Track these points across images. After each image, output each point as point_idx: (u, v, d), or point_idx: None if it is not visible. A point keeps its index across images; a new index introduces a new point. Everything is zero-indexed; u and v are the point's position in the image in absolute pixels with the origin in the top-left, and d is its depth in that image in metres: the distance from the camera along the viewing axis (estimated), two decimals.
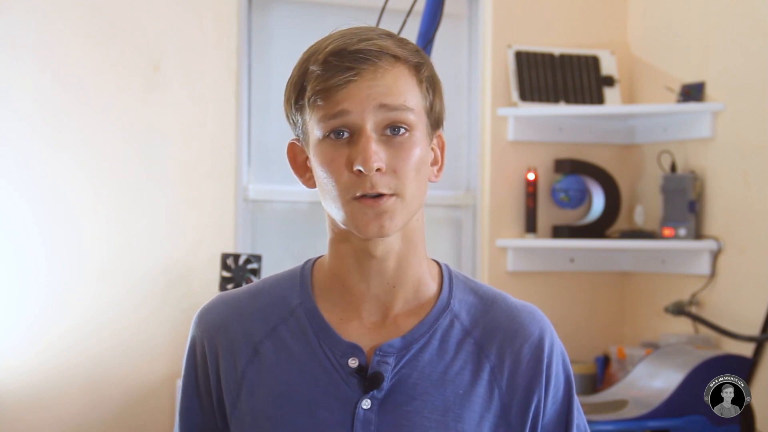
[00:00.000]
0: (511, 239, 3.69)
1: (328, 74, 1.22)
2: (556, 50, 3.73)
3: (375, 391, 1.25)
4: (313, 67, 1.23)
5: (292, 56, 1.33)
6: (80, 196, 3.26)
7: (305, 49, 1.28)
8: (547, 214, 3.74)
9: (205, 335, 1.32)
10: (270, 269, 2.94)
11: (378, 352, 1.26)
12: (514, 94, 3.67)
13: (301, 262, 1.37)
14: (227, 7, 3.40)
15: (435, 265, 1.35)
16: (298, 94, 1.26)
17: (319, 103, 1.23)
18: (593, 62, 3.75)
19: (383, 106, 1.23)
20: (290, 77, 1.28)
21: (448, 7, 2.53)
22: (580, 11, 3.84)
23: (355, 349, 1.27)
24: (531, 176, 3.69)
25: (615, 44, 3.83)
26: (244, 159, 3.48)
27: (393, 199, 1.23)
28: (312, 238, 3.59)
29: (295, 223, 3.61)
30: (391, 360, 1.26)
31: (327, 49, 1.23)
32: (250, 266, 3.09)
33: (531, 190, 3.68)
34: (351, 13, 3.58)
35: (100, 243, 3.27)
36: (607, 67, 3.77)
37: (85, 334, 3.24)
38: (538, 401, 1.30)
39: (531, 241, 3.67)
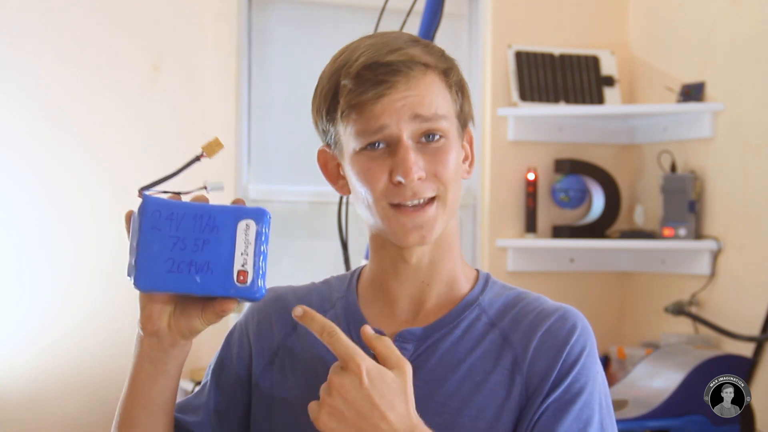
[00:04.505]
0: (511, 239, 3.69)
1: (361, 89, 1.23)
2: (556, 50, 3.73)
3: None
4: (345, 81, 1.24)
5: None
6: (80, 196, 3.26)
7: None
8: (547, 214, 3.74)
9: (254, 313, 1.39)
10: (270, 269, 2.93)
11: (398, 338, 1.29)
12: (514, 94, 3.67)
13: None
14: (227, 7, 3.40)
15: (473, 270, 1.37)
16: (329, 105, 1.27)
17: (354, 117, 1.24)
18: (593, 62, 3.75)
19: (417, 117, 1.24)
20: (319, 88, 1.29)
21: (448, 7, 2.53)
22: (580, 11, 3.84)
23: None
24: (531, 176, 3.69)
25: (615, 44, 3.83)
26: (244, 159, 3.48)
27: (435, 205, 1.26)
28: (312, 238, 3.58)
29: (295, 223, 3.61)
30: (410, 347, 1.28)
31: (358, 62, 1.24)
32: None
33: (531, 190, 3.68)
34: (351, 13, 3.58)
35: (100, 243, 3.27)
36: (607, 67, 3.77)
37: (85, 334, 3.24)
38: (541, 384, 1.25)
39: (531, 241, 3.67)
